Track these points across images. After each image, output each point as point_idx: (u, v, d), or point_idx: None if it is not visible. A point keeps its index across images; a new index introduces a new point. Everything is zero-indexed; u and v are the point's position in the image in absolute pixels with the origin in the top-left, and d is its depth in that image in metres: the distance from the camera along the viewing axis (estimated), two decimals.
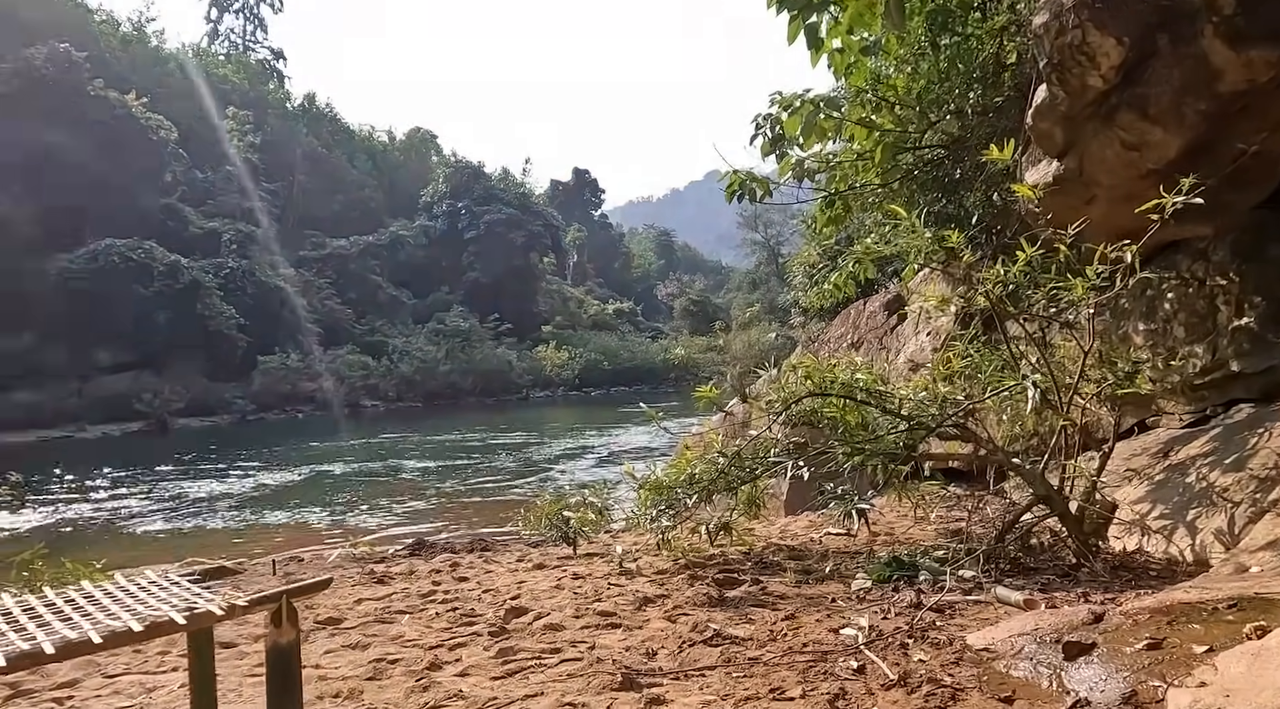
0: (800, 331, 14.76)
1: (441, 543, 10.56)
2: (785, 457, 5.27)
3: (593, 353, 57.23)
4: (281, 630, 1.45)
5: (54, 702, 3.39)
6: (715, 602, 4.36)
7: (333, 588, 6.10)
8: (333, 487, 17.98)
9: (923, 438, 5.26)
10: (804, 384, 5.28)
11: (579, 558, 6.62)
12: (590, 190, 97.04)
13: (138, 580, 1.65)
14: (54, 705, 3.34)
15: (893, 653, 3.26)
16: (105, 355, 39.70)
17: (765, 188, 8.20)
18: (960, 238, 4.72)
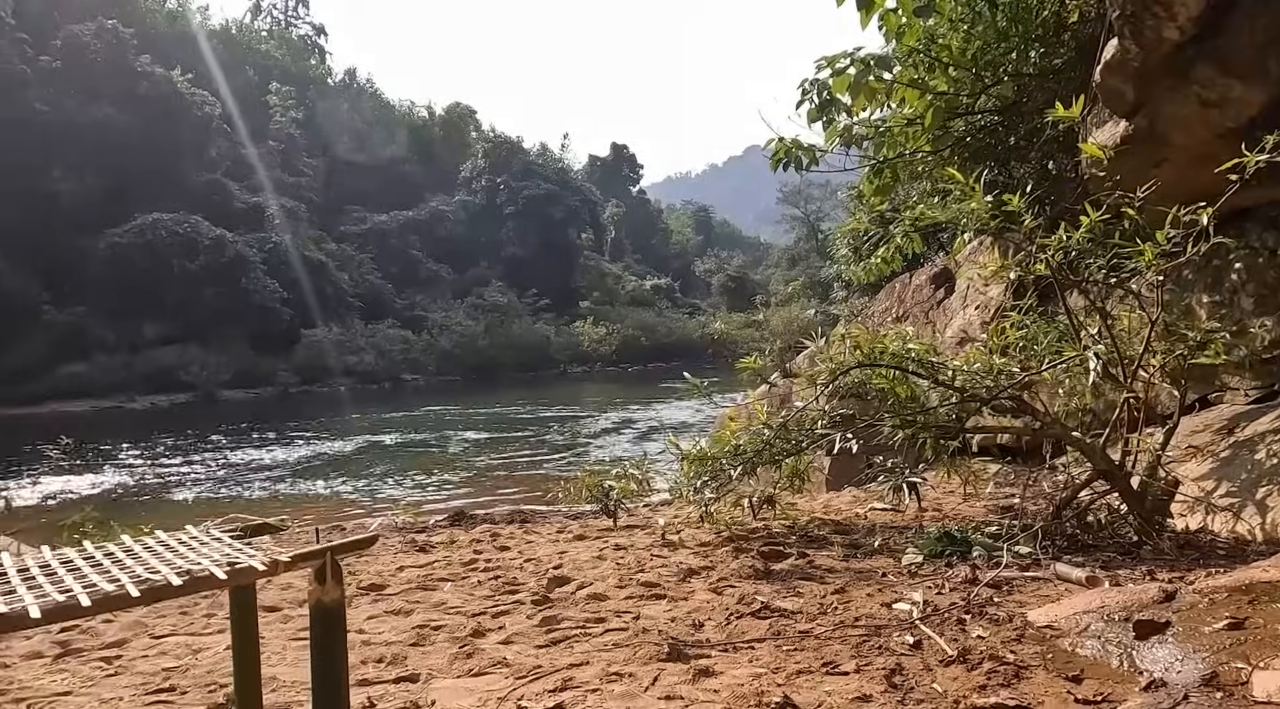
0: (843, 307, 14.51)
1: (481, 515, 10.60)
2: (833, 428, 5.13)
3: (630, 328, 57.18)
4: (325, 588, 1.38)
5: (102, 660, 3.40)
6: (761, 574, 4.26)
7: (375, 555, 6.12)
8: (374, 458, 18.18)
9: (976, 410, 5.09)
10: (853, 354, 5.13)
11: (619, 530, 6.57)
12: (628, 165, 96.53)
13: (179, 536, 1.59)
14: (103, 664, 3.35)
15: (950, 629, 3.14)
16: (153, 328, 40.56)
17: (811, 156, 8.00)
18: (1020, 202, 4.52)
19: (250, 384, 40.72)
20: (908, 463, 5.55)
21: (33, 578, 1.33)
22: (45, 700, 2.93)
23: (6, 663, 3.43)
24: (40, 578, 1.33)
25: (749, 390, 5.66)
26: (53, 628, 4.01)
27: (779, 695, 2.56)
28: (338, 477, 15.91)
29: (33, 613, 1.14)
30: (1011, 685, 2.56)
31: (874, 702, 2.52)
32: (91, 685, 3.07)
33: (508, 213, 63.62)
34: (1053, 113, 4.36)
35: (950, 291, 11.10)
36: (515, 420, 25.69)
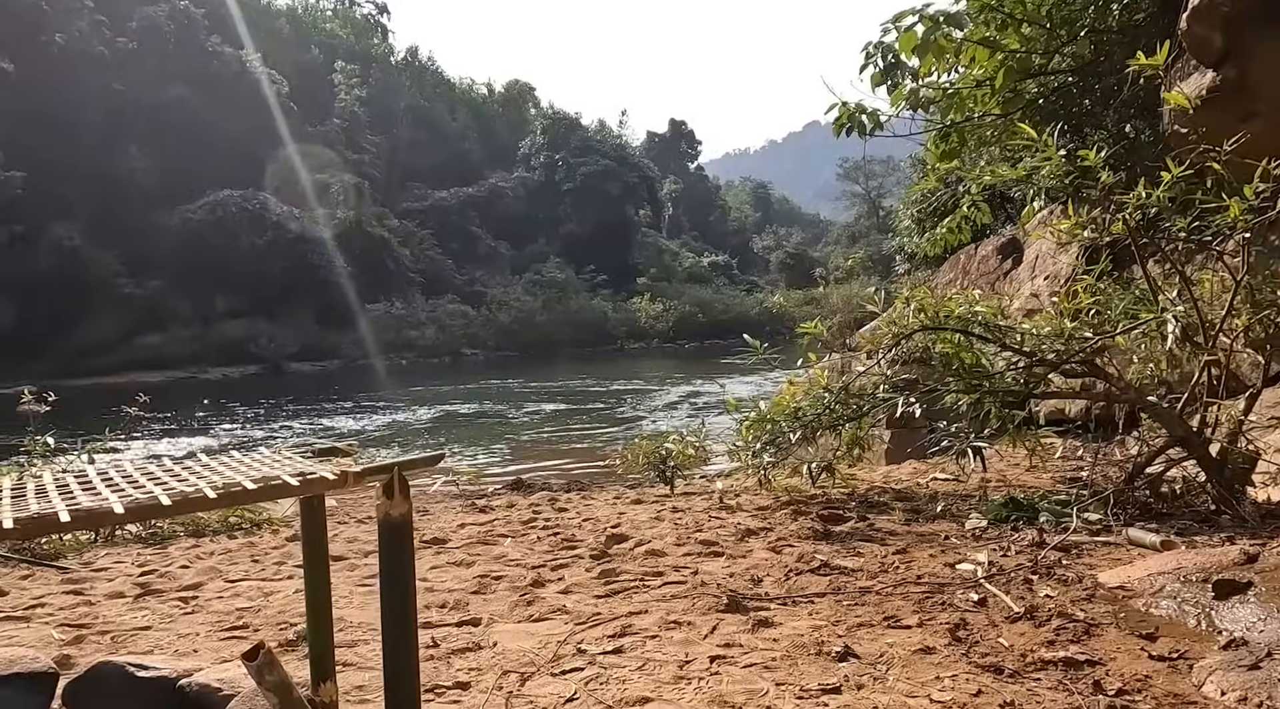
0: (904, 281, 14.23)
1: (539, 482, 10.75)
2: (895, 393, 5.04)
3: (687, 305, 56.97)
4: (394, 502, 1.40)
5: (179, 600, 3.54)
6: (820, 535, 4.23)
7: (436, 515, 6.25)
8: (435, 429, 18.51)
9: (1044, 376, 4.95)
10: (916, 318, 5.02)
11: (676, 496, 6.58)
12: (687, 142, 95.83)
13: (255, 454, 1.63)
14: (180, 603, 3.49)
15: (1016, 588, 3.07)
16: (224, 302, 41.82)
17: (876, 121, 7.81)
18: (1097, 157, 4.35)
19: (316, 357, 41.77)
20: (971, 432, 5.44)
21: (117, 484, 1.37)
22: (128, 633, 3.05)
23: (92, 601, 3.58)
24: (123, 484, 1.38)
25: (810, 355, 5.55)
26: (133, 571, 4.19)
27: (839, 645, 2.54)
28: (400, 445, 16.25)
29: (116, 509, 1.18)
30: (1081, 641, 2.50)
31: (937, 653, 2.48)
32: (170, 622, 3.19)
33: (566, 189, 63.79)
34: (1134, 63, 4.17)
35: (1018, 262, 10.79)
36: (573, 394, 25.88)
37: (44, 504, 1.22)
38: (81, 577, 4.18)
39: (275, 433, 18.31)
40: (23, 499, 1.28)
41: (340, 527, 5.75)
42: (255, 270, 41.95)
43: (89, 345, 37.46)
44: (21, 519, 1.13)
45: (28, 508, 1.20)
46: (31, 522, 1.14)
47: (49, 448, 5.92)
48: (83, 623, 3.19)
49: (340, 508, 7.86)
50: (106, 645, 2.90)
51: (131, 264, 40.42)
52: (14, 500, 1.28)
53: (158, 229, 41.62)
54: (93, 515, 1.18)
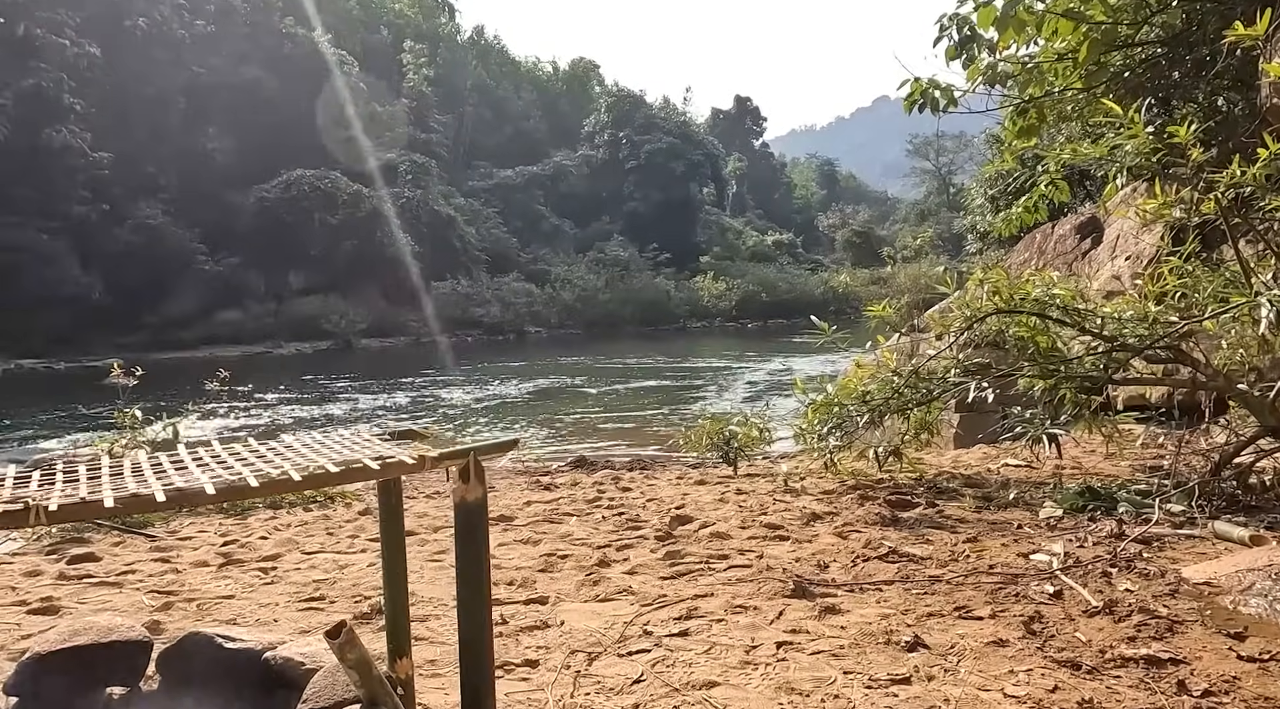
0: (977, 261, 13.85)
1: (602, 461, 10.84)
2: (966, 377, 4.92)
3: (750, 284, 56.51)
4: (469, 487, 1.42)
5: (260, 571, 3.67)
6: (888, 521, 4.17)
7: (502, 492, 6.34)
8: (501, 406, 18.78)
9: (1126, 361, 4.78)
10: (990, 300, 4.89)
11: (740, 477, 6.57)
12: (751, 118, 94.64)
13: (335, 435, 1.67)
14: (260, 574, 3.62)
15: (1094, 581, 2.99)
16: (297, 279, 42.98)
17: (950, 97, 7.58)
18: (1188, 132, 4.15)
19: (384, 333, 42.68)
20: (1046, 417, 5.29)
21: (206, 463, 1.42)
22: (212, 601, 3.18)
23: (179, 569, 3.74)
24: (212, 463, 1.43)
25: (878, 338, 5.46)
26: (216, 541, 4.36)
27: (909, 635, 2.50)
28: (467, 421, 16.54)
29: (207, 490, 1.22)
30: (1164, 639, 2.42)
31: (1011, 646, 2.43)
32: (251, 591, 3.32)
33: (629, 167, 63.66)
34: (1231, 33, 3.96)
35: (1097, 242, 10.42)
36: (636, 372, 25.97)
37: (140, 483, 1.27)
38: (168, 545, 4.36)
39: (348, 408, 18.81)
40: (120, 477, 1.33)
41: (410, 501, 5.88)
42: (327, 248, 43.00)
43: (171, 321, 38.94)
44: (121, 498, 1.18)
45: (125, 486, 1.25)
46: (130, 500, 1.19)
47: (137, 420, 6.17)
48: (171, 590, 3.34)
49: (410, 483, 8.05)
50: (193, 613, 3.03)
51: (210, 241, 41.77)
52: (112, 477, 1.33)
53: (234, 207, 42.90)
54: (185, 495, 1.22)
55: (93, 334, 35.91)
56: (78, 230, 36.61)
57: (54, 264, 34.97)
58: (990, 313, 4.86)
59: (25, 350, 32.38)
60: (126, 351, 35.98)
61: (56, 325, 34.16)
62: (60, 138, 35.84)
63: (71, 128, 36.59)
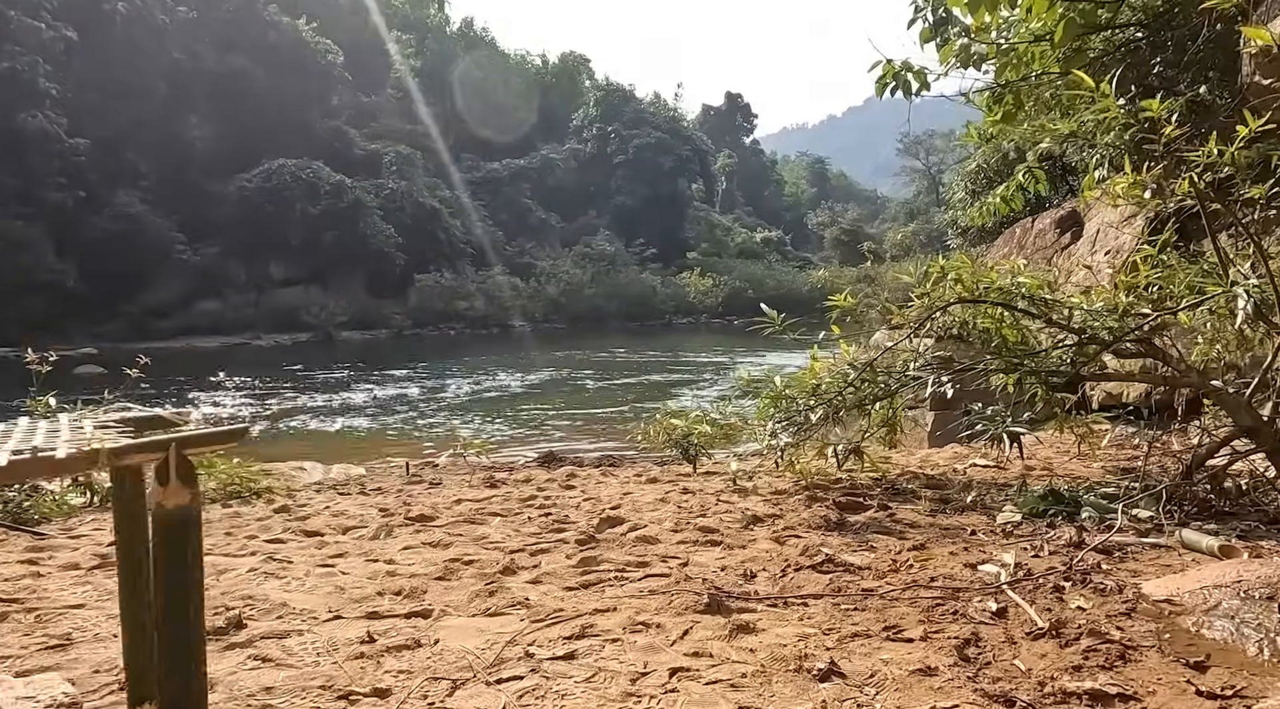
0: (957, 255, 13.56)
1: (571, 457, 10.52)
2: (927, 371, 4.60)
3: (738, 281, 56.23)
4: (169, 490, 1.08)
5: None
6: (833, 525, 3.84)
7: (442, 486, 6.00)
8: (479, 401, 18.40)
9: (1096, 355, 4.46)
10: (953, 289, 4.57)
11: (697, 475, 6.25)
12: (742, 115, 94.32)
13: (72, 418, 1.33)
14: None
15: (1044, 596, 2.66)
16: (278, 270, 42.43)
17: (922, 79, 7.26)
18: (1161, 106, 3.83)
19: (366, 326, 42.18)
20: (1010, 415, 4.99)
21: None
22: (56, 612, 2.82)
23: (42, 572, 3.38)
24: None
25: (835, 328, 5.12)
26: (104, 540, 3.99)
27: (825, 661, 2.17)
28: (444, 415, 16.18)
29: None
30: (1115, 669, 2.09)
31: (939, 676, 2.10)
32: (105, 600, 2.96)
33: (617, 162, 63.26)
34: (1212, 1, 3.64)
35: (1077, 237, 10.13)
36: (622, 367, 25.63)
37: None
38: (53, 545, 4.00)
39: (317, 403, 18.39)
40: None
41: (341, 498, 5.54)
42: (309, 238, 42.44)
43: (149, 310, 38.37)
44: None
45: None
46: None
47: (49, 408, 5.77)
48: (17, 597, 2.98)
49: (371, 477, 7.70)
50: (25, 626, 2.67)
51: (189, 230, 41.17)
52: None
53: (215, 197, 42.29)
54: None
55: (68, 322, 35.32)
56: (53, 217, 36.00)
57: (28, 250, 34.36)
58: (952, 302, 4.54)
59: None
60: (103, 340, 35.43)
61: (31, 313, 33.54)
62: (36, 122, 35.20)
63: (48, 113, 35.94)
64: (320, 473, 9.66)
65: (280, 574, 3.21)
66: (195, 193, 41.78)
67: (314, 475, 9.42)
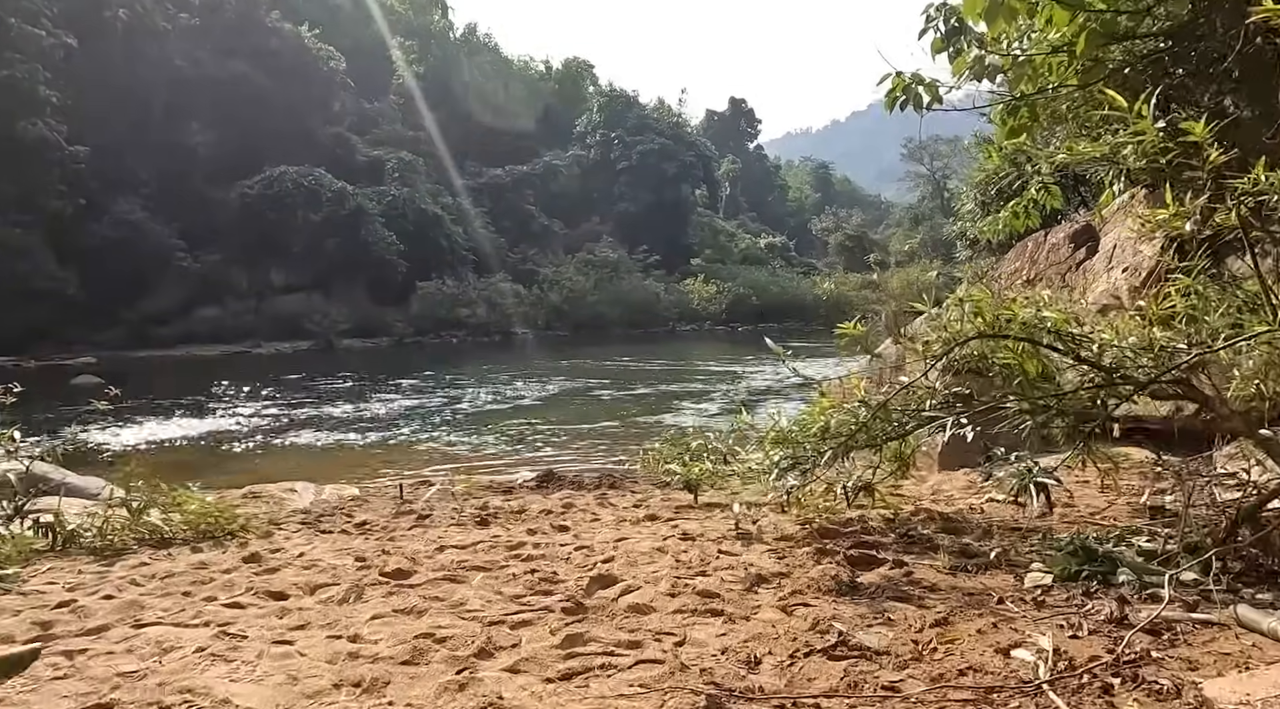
0: (966, 268, 13.23)
1: (570, 476, 10.20)
2: (944, 411, 4.27)
3: (741, 287, 55.94)
4: None
5: (64, 654, 2.98)
6: (845, 589, 3.51)
7: (427, 522, 5.69)
8: (481, 413, 18.08)
9: (1128, 396, 4.13)
10: (972, 322, 4.24)
11: (699, 507, 5.95)
12: (746, 120, 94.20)
13: None
14: (62, 660, 2.93)
15: (1090, 700, 2.33)
16: (279, 277, 42.21)
17: (934, 93, 6.94)
18: (1204, 130, 3.51)
19: (367, 334, 41.93)
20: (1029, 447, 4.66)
21: None
22: None
23: None
24: None
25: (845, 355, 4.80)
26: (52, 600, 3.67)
27: None
28: (443, 429, 15.88)
29: None
30: None
31: None
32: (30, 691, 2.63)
33: (620, 168, 63.05)
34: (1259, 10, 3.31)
35: (1093, 252, 9.80)
36: (626, 376, 25.29)
37: None
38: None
39: (314, 415, 18.09)
40: None
41: (318, 540, 5.21)
42: (310, 246, 42.24)
43: (149, 317, 38.18)
44: None
45: None
46: None
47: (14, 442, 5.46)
48: None
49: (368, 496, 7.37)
50: None
51: (190, 237, 40.99)
52: None
53: (216, 203, 42.11)
54: None
55: (68, 330, 35.14)
56: (53, 225, 35.82)
57: (27, 258, 34.17)
58: (971, 337, 4.21)
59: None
60: (103, 349, 35.22)
61: (30, 321, 33.34)
62: (35, 130, 35.01)
63: (48, 120, 35.77)
64: (311, 495, 9.34)
65: (230, 655, 2.88)
66: (196, 199, 41.59)
67: (304, 498, 9.10)
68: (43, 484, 6.18)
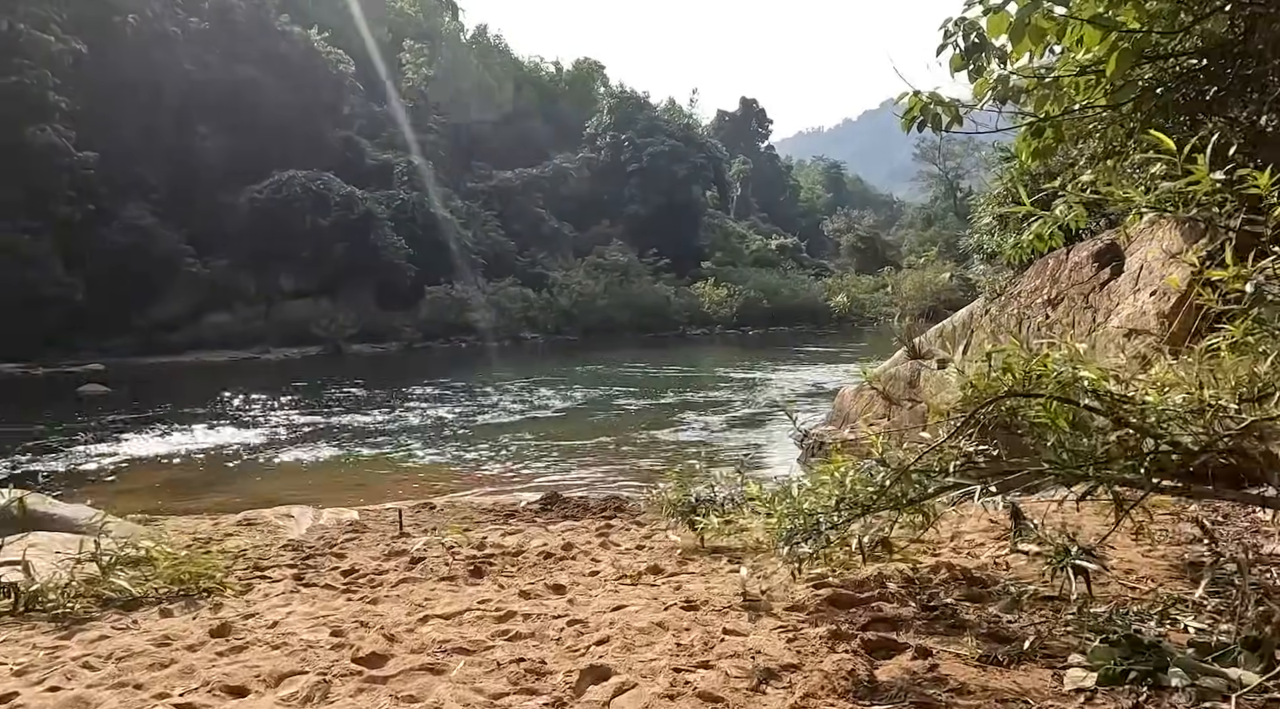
0: (983, 284, 12.79)
1: (574, 499, 9.88)
2: (973, 478, 3.91)
3: (752, 290, 55.56)
4: None
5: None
6: (863, 690, 3.15)
7: (417, 581, 5.37)
8: (489, 425, 17.77)
9: (1178, 464, 3.76)
10: (1002, 377, 3.88)
11: (705, 551, 5.64)
12: (757, 121, 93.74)
13: None
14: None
15: None
16: (288, 282, 42.14)
17: (954, 113, 6.57)
18: (1267, 181, 3.14)
19: (375, 339, 41.80)
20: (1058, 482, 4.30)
21: None
22: None
23: None
24: None
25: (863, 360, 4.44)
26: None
27: None
28: (450, 443, 15.61)
29: None
30: None
31: None
32: None
33: (631, 170, 62.77)
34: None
35: (1118, 272, 9.38)
36: (636, 383, 24.97)
37: None
38: None
39: (321, 427, 17.83)
40: None
41: (297, 598, 4.89)
42: (318, 251, 42.16)
43: (158, 324, 38.15)
44: None
45: None
46: None
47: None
48: None
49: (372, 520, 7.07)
50: None
51: (199, 242, 40.97)
52: None
53: (225, 208, 42.07)
54: None
55: (77, 337, 35.13)
56: (61, 230, 35.82)
57: (36, 264, 34.16)
58: (1002, 395, 3.85)
59: (3, 352, 31.45)
60: (111, 355, 35.12)
61: (39, 328, 33.33)
62: (44, 136, 35.00)
63: (56, 126, 35.75)
64: (308, 520, 9.05)
65: None
66: (205, 204, 41.55)
67: (300, 525, 8.81)
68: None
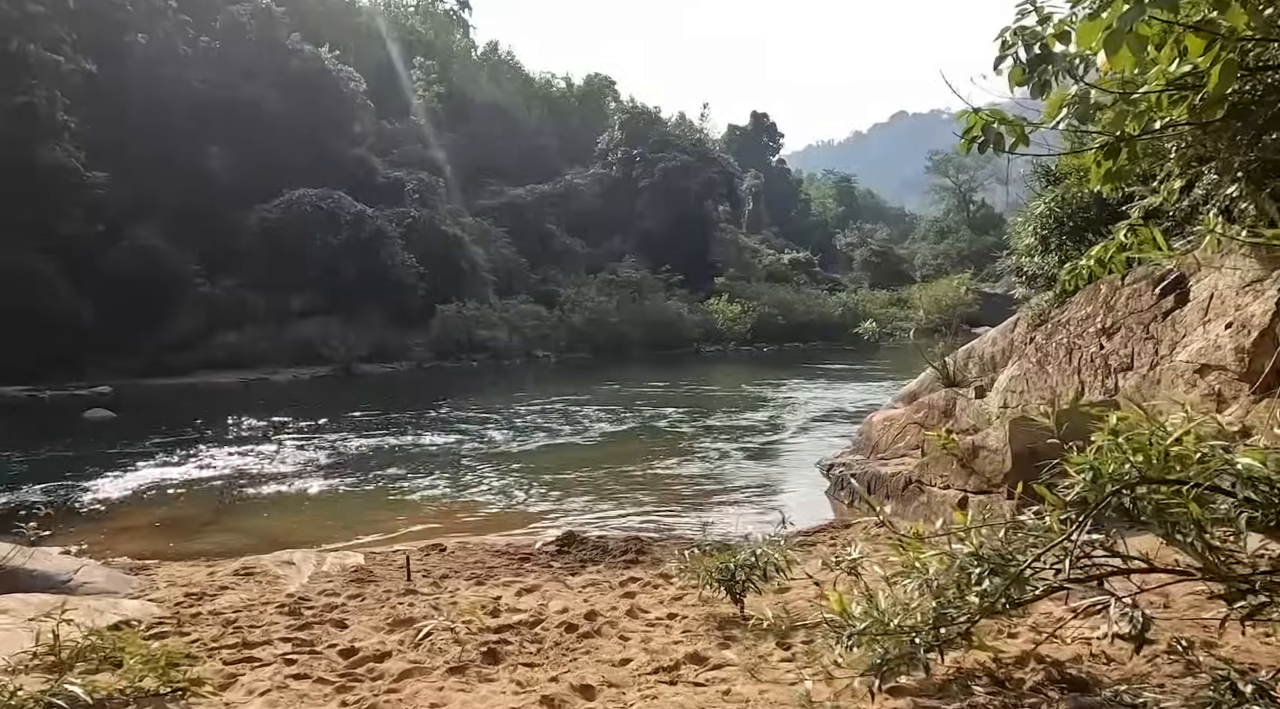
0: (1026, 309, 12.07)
1: (593, 540, 9.26)
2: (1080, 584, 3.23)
3: (766, 306, 54.82)
4: None
5: None
6: None
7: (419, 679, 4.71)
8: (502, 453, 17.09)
9: None
10: (1131, 458, 3.20)
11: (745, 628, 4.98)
12: (768, 134, 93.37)
13: None
14: None
15: None
16: (297, 301, 41.67)
17: (1020, 133, 5.90)
18: None
19: (386, 358, 41.27)
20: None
21: None
22: None
23: None
24: None
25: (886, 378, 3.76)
26: None
27: None
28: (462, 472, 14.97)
29: None
30: None
31: None
32: None
33: (642, 186, 62.31)
34: None
35: (1182, 301, 8.66)
36: (653, 404, 24.23)
37: None
38: None
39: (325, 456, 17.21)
40: None
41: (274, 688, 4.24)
42: (328, 270, 41.71)
43: (166, 345, 37.72)
44: None
45: None
46: None
47: None
48: None
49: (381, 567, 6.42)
50: None
51: (209, 262, 40.61)
52: None
53: (235, 228, 41.71)
54: None
55: (84, 359, 34.71)
56: (70, 251, 35.48)
57: (44, 285, 33.81)
58: (1135, 482, 3.16)
59: (10, 375, 31.00)
60: (119, 376, 34.66)
61: (46, 350, 32.93)
62: (53, 156, 34.73)
63: (66, 146, 35.50)
64: (310, 567, 8.42)
65: None
66: (215, 224, 41.22)
67: (302, 573, 8.19)
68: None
